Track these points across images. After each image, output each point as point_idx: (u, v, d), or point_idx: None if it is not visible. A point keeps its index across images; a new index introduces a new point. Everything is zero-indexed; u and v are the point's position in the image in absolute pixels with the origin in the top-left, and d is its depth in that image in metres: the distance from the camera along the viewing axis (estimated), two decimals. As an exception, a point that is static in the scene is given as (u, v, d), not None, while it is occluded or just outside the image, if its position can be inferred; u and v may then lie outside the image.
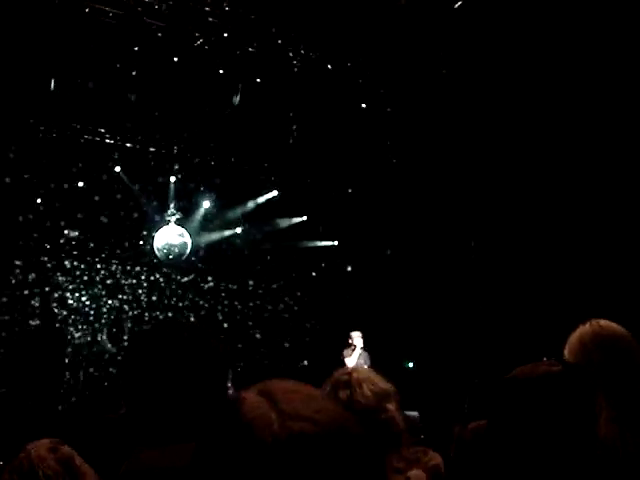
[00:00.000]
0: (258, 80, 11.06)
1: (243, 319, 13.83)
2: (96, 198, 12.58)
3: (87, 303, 12.80)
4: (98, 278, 12.96)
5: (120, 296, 13.11)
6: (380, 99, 11.56)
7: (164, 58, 10.48)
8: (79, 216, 12.56)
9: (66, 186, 12.27)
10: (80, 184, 12.40)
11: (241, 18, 9.93)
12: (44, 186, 12.11)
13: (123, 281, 13.19)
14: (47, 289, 12.32)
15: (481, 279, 12.06)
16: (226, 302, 13.85)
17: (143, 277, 13.37)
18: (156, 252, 12.70)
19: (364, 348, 10.74)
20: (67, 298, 12.60)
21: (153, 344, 1.98)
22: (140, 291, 13.33)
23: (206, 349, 1.98)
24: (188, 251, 12.83)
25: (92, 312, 12.80)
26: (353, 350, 10.66)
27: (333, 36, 10.25)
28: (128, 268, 13.25)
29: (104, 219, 12.76)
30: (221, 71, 10.84)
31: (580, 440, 1.88)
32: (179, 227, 12.74)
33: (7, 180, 11.74)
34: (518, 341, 10.94)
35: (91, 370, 12.27)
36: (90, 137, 11.89)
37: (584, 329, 2.75)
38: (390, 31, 10.01)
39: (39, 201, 12.18)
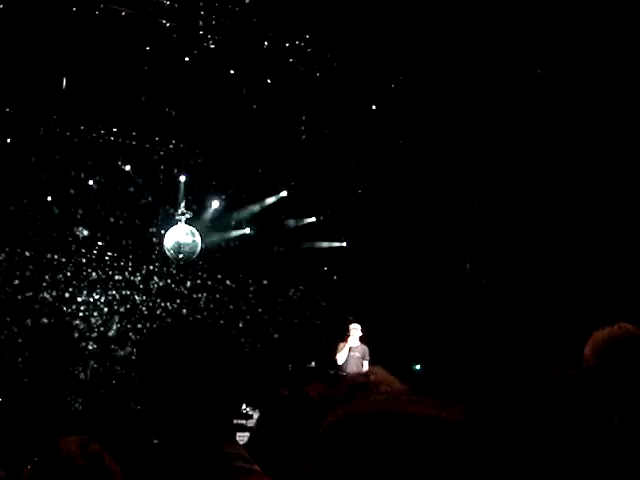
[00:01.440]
0: (269, 81, 11.07)
1: (251, 319, 13.82)
2: (106, 197, 12.62)
3: (97, 301, 12.84)
4: (108, 277, 13.00)
5: (130, 294, 13.15)
6: (390, 100, 11.54)
7: (175, 58, 10.50)
8: (89, 215, 12.60)
9: (76, 185, 12.31)
10: (90, 182, 12.44)
11: (252, 18, 9.94)
12: (54, 185, 12.16)
13: (133, 280, 13.22)
14: (57, 287, 12.39)
15: (490, 281, 12.03)
16: (235, 302, 13.85)
17: (153, 276, 13.40)
18: (166, 251, 12.72)
19: (363, 341, 10.71)
20: (77, 296, 12.65)
21: (169, 342, 1.98)
22: (150, 290, 13.37)
23: (221, 346, 1.98)
24: (198, 250, 12.84)
25: (102, 310, 12.84)
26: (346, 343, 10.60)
27: (344, 36, 10.24)
28: (138, 267, 13.29)
29: (114, 218, 12.80)
30: (232, 71, 10.84)
31: (590, 444, 1.86)
32: (189, 226, 12.76)
33: (18, 178, 11.80)
34: (527, 344, 10.91)
35: (101, 369, 12.30)
36: (100, 136, 11.91)
37: (613, 331, 2.73)
38: (401, 31, 10.00)
39: (49, 199, 12.23)
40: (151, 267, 13.41)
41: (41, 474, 2.66)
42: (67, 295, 12.53)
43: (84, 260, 12.80)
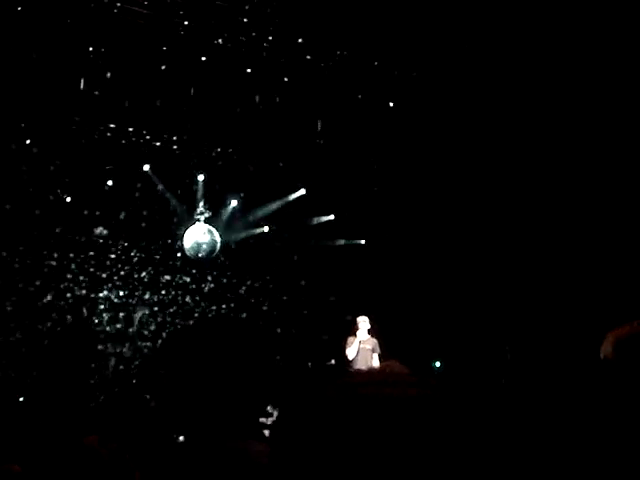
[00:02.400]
0: (286, 79, 11.07)
1: (270, 317, 13.85)
2: (125, 197, 12.69)
3: (117, 301, 12.93)
4: (128, 276, 13.08)
5: (150, 294, 13.22)
6: (409, 96, 11.51)
7: (192, 57, 10.53)
8: (108, 215, 12.69)
9: (95, 185, 12.40)
10: (109, 183, 12.51)
11: (267, 17, 9.94)
12: (74, 185, 12.25)
13: (153, 279, 13.29)
14: (77, 288, 12.48)
15: (509, 277, 11.97)
16: (253, 300, 13.88)
17: (173, 275, 13.46)
18: (185, 250, 12.78)
19: (372, 334, 10.49)
20: (96, 296, 12.74)
21: (193, 340, 1.99)
22: (170, 289, 13.43)
23: (246, 344, 1.99)
24: (217, 249, 12.88)
25: (122, 310, 12.93)
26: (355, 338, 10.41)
27: (359, 34, 10.22)
28: (158, 266, 13.35)
29: (133, 218, 12.88)
30: (248, 70, 10.86)
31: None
32: (208, 225, 12.81)
33: (36, 179, 11.90)
34: (548, 340, 10.86)
35: (121, 367, 12.38)
36: (118, 136, 11.97)
37: (635, 328, 2.71)
38: (417, 29, 9.98)
39: (68, 200, 12.31)
40: (171, 266, 13.47)
41: (67, 466, 2.71)
42: (87, 295, 12.62)
43: (104, 260, 12.89)
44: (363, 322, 10.48)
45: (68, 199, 12.30)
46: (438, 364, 12.98)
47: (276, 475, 1.13)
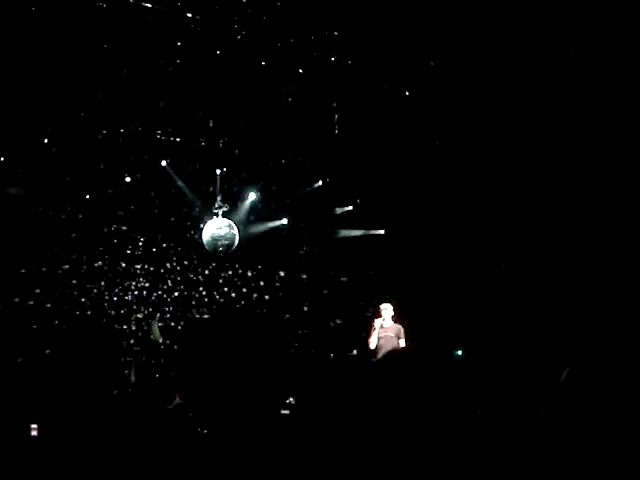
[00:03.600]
0: (300, 71, 11.05)
1: (291, 309, 13.88)
2: (144, 192, 12.75)
3: (137, 296, 13.01)
4: (147, 271, 13.15)
5: (169, 288, 13.30)
6: (424, 85, 11.46)
7: (207, 52, 10.53)
8: (127, 210, 12.76)
9: (114, 181, 12.47)
10: (127, 179, 12.58)
11: (282, 9, 9.93)
12: (92, 181, 12.33)
13: (172, 274, 13.36)
14: (97, 283, 12.58)
15: (531, 267, 11.92)
16: (274, 292, 13.92)
17: (192, 270, 13.52)
18: (204, 244, 12.81)
19: (396, 320, 10.50)
20: (117, 291, 12.83)
21: (215, 334, 2.01)
22: (189, 283, 13.50)
23: (263, 338, 2.01)
24: (236, 243, 12.91)
25: (142, 305, 13.00)
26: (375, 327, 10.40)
27: (374, 24, 10.18)
28: (177, 261, 13.42)
29: (151, 213, 12.94)
30: (263, 63, 10.85)
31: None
32: (227, 219, 12.83)
33: (56, 177, 12.00)
34: (572, 330, 10.81)
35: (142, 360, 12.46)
36: (136, 132, 12.02)
37: None
38: (434, 17, 9.94)
39: (87, 197, 12.40)
40: (190, 261, 13.53)
41: None
42: (106, 290, 12.71)
43: (124, 256, 12.98)
44: (385, 310, 10.49)
45: (87, 196, 12.38)
46: (460, 352, 12.95)
47: None
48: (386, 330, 10.49)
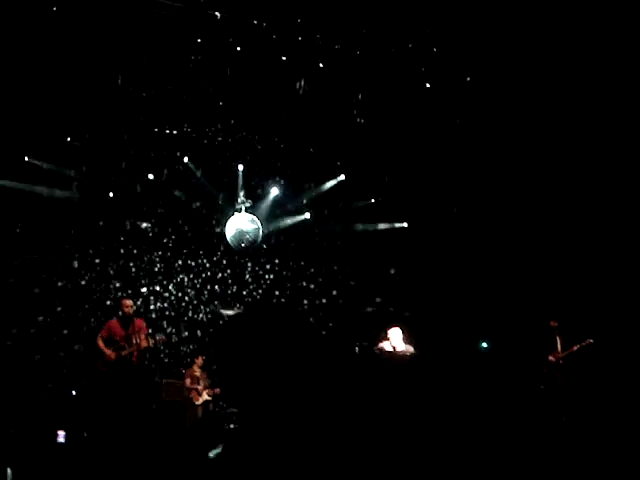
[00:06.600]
0: (321, 65, 11.04)
1: (315, 303, 13.89)
2: (166, 189, 12.83)
3: (161, 292, 13.10)
4: (172, 268, 13.23)
5: (194, 284, 13.37)
6: (445, 78, 11.40)
7: (227, 48, 10.55)
8: (151, 208, 12.84)
9: (137, 178, 12.56)
10: (150, 176, 12.65)
11: (302, 4, 9.92)
12: (115, 179, 12.43)
13: (196, 270, 13.43)
14: (121, 279, 12.69)
15: (557, 257, 11.87)
16: (297, 287, 13.94)
17: (216, 265, 13.58)
18: (228, 240, 12.85)
19: (407, 342, 9.64)
20: (141, 288, 12.93)
21: (248, 327, 2.01)
22: (214, 279, 13.56)
23: (297, 331, 2.02)
24: (260, 238, 12.94)
25: (167, 301, 13.10)
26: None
27: (396, 18, 10.14)
28: (201, 257, 13.48)
29: (175, 209, 13.02)
30: (284, 58, 10.85)
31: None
32: (250, 214, 12.86)
33: (78, 176, 12.12)
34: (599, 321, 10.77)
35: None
36: (158, 129, 12.08)
37: None
38: (455, 10, 9.89)
39: (111, 195, 12.49)
40: (214, 256, 13.59)
41: None
42: (131, 286, 12.82)
43: (147, 252, 13.07)
44: (393, 336, 9.62)
45: (110, 194, 12.47)
46: (485, 345, 12.91)
47: None
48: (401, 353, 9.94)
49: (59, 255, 12.36)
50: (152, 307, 12.94)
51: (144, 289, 12.89)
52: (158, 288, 13.09)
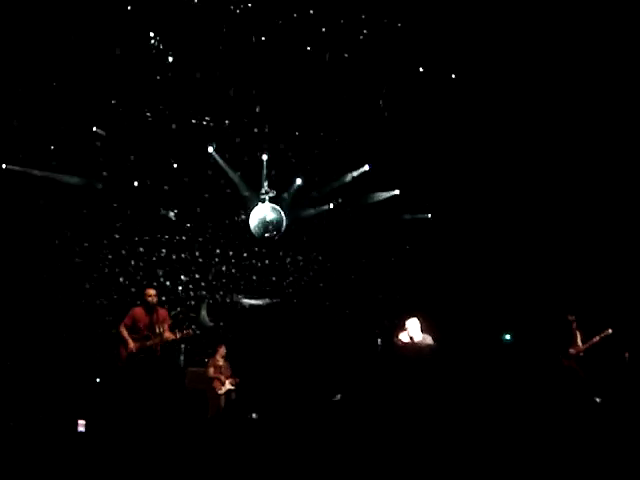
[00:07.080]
0: (346, 55, 11.02)
1: (338, 294, 13.89)
2: (191, 178, 12.87)
3: (185, 282, 13.17)
4: (196, 257, 13.29)
5: (217, 274, 13.43)
6: (472, 69, 11.34)
7: (253, 38, 10.56)
8: (175, 197, 12.90)
9: (161, 168, 12.62)
10: (175, 165, 12.70)
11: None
12: (140, 169, 12.49)
13: (220, 259, 13.48)
14: (145, 269, 12.78)
15: (582, 249, 11.79)
16: (320, 277, 13.95)
17: (240, 255, 13.62)
18: (252, 230, 12.88)
19: (424, 330, 9.46)
20: (166, 277, 13.00)
21: (268, 318, 2.03)
22: (238, 269, 13.61)
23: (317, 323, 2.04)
24: (284, 228, 12.95)
25: (191, 290, 13.17)
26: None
27: (418, 8, 10.12)
28: (225, 246, 13.53)
29: (200, 199, 13.06)
30: (308, 48, 10.84)
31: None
32: (274, 204, 12.88)
33: (104, 167, 12.21)
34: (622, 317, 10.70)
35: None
36: (183, 119, 12.11)
37: None
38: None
39: (136, 184, 12.56)
40: (238, 246, 13.62)
41: None
42: (154, 277, 12.89)
43: (172, 241, 13.13)
44: (411, 326, 9.41)
45: (135, 183, 12.54)
46: (508, 337, 12.86)
47: None
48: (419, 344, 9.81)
49: (84, 243, 12.47)
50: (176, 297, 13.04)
51: (167, 281, 12.97)
52: (183, 277, 13.17)
